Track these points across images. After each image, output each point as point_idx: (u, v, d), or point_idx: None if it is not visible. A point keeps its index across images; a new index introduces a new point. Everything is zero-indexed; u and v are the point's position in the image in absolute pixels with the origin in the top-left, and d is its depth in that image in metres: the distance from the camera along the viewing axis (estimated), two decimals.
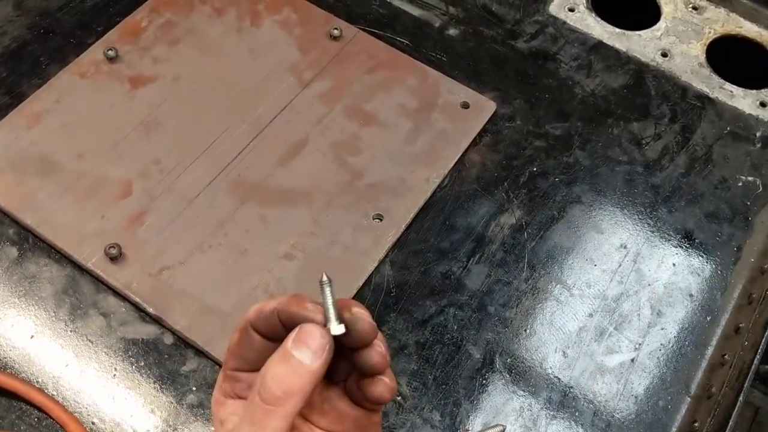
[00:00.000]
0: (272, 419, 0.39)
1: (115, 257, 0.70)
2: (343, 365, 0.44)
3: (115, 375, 0.65)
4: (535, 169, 0.82)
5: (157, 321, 0.68)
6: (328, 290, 0.42)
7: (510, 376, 0.68)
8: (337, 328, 0.40)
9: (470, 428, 0.65)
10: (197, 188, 0.76)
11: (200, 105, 0.82)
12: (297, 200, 0.76)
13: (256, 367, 0.43)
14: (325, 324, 0.41)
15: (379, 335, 0.42)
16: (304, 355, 0.39)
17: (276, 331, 0.42)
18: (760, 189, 0.83)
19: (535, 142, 0.84)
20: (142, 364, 0.66)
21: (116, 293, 0.70)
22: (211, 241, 0.73)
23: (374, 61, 0.86)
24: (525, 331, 0.71)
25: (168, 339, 0.68)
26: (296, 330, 0.40)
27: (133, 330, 0.68)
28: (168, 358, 0.67)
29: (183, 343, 0.68)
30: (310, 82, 0.84)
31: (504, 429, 0.65)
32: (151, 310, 0.68)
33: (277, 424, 0.39)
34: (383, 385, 0.42)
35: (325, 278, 0.42)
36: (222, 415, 0.45)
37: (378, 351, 0.42)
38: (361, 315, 0.41)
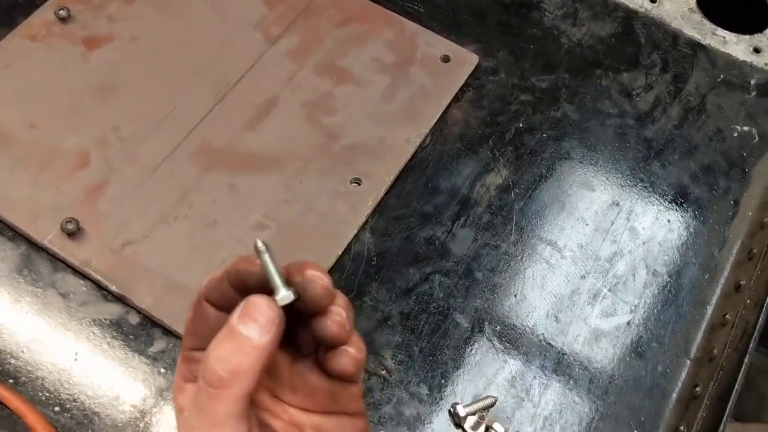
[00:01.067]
0: (220, 404, 0.34)
1: (73, 233, 0.65)
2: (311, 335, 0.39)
3: (77, 359, 0.61)
4: (521, 124, 0.77)
5: (120, 299, 0.64)
6: (266, 257, 0.37)
7: (500, 344, 0.64)
8: (285, 296, 0.36)
9: (460, 401, 0.61)
10: (159, 156, 0.70)
11: (160, 67, 0.76)
12: (268, 166, 0.71)
13: None
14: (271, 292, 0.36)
15: (341, 299, 0.38)
16: (251, 329, 0.35)
17: (228, 299, 0.38)
18: (757, 139, 0.79)
19: (520, 96, 0.79)
20: (106, 346, 0.62)
21: (75, 271, 0.65)
22: (176, 213, 0.68)
23: (346, 14, 0.80)
24: (515, 296, 0.67)
25: (133, 318, 0.63)
26: (242, 303, 0.36)
27: (95, 310, 0.63)
28: (134, 338, 0.62)
29: (149, 322, 0.63)
30: (277, 39, 0.78)
31: (495, 400, 0.61)
32: (113, 288, 0.63)
33: (227, 408, 0.34)
34: (346, 357, 0.38)
35: (260, 244, 0.37)
36: (181, 401, 0.40)
37: (335, 320, 0.37)
38: (314, 277, 0.37)
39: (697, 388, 0.61)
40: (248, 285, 0.37)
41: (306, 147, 0.72)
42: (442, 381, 0.62)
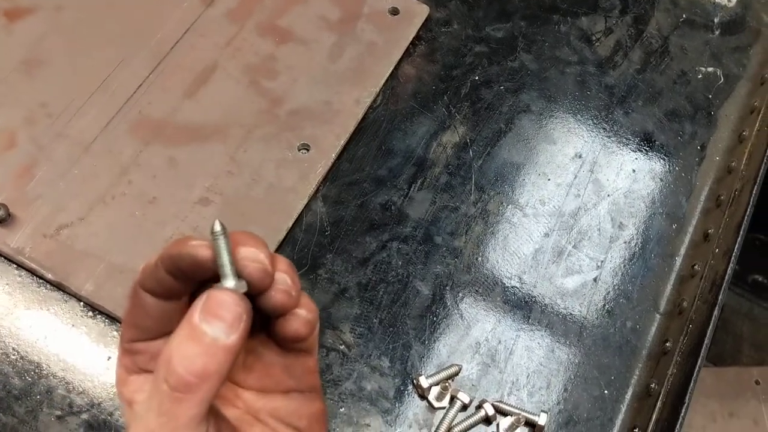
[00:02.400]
0: (185, 408, 0.32)
1: (3, 219, 0.61)
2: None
3: (14, 355, 0.57)
4: (477, 78, 0.73)
5: (58, 288, 0.60)
6: (222, 242, 0.33)
7: (463, 310, 0.61)
8: (240, 285, 0.33)
9: (423, 372, 0.59)
10: (93, 132, 0.66)
11: (89, 35, 0.71)
12: (209, 136, 0.66)
13: (154, 334, 0.37)
14: (219, 279, 0.33)
15: (282, 264, 0.35)
16: (217, 329, 0.32)
17: (166, 286, 0.35)
18: (722, 80, 0.76)
19: (475, 47, 0.75)
20: (46, 337, 0.58)
21: (8, 260, 0.61)
22: (113, 192, 0.63)
23: None
24: (477, 259, 0.64)
25: (73, 307, 0.59)
26: (203, 298, 0.33)
27: (32, 300, 0.59)
28: (74, 327, 0.58)
29: (91, 309, 0.59)
30: None
31: (460, 369, 0.59)
32: (50, 276, 0.59)
33: (191, 412, 0.32)
34: (296, 320, 0.36)
35: (218, 227, 0.33)
36: (127, 394, 0.38)
37: (279, 288, 0.35)
38: (248, 259, 0.34)
39: (667, 344, 0.59)
40: (184, 270, 0.34)
41: (249, 114, 0.68)
42: (404, 352, 0.59)
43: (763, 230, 1.43)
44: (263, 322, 0.37)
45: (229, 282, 0.33)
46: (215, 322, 0.32)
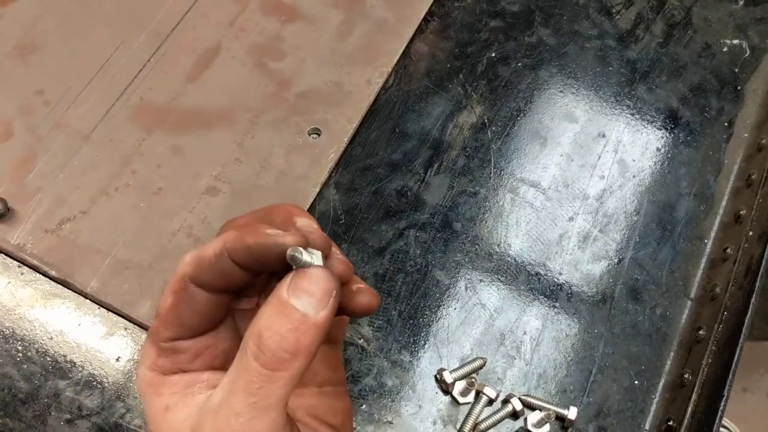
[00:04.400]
0: (277, 387, 0.31)
1: (2, 214, 0.58)
2: None
3: (18, 357, 0.54)
4: (493, 54, 0.70)
5: (63, 285, 0.57)
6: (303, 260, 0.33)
7: (485, 300, 0.59)
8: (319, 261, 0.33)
9: (447, 366, 0.56)
10: (93, 120, 0.63)
11: (85, 17, 0.67)
12: (215, 122, 0.63)
13: (199, 331, 0.35)
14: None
15: (324, 239, 0.35)
16: (307, 304, 0.31)
17: (230, 279, 0.34)
18: (748, 53, 0.72)
19: (490, 22, 0.71)
20: (51, 338, 0.55)
21: (9, 256, 0.58)
22: (116, 183, 0.60)
23: None
24: (498, 246, 0.61)
25: (80, 304, 0.57)
26: (291, 275, 0.32)
27: (36, 298, 0.57)
28: (81, 327, 0.56)
29: (99, 307, 0.57)
30: None
31: (484, 362, 0.56)
32: (53, 273, 0.57)
33: (282, 391, 0.31)
34: (366, 293, 0.36)
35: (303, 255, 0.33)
36: (165, 398, 0.35)
37: (338, 259, 0.35)
38: (307, 227, 0.35)
39: (701, 331, 0.57)
40: (265, 261, 0.33)
41: (255, 98, 0.64)
42: (426, 345, 0.57)
43: None
44: None
45: (317, 260, 0.32)
46: (305, 297, 0.31)
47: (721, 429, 1.07)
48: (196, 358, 0.35)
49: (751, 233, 0.59)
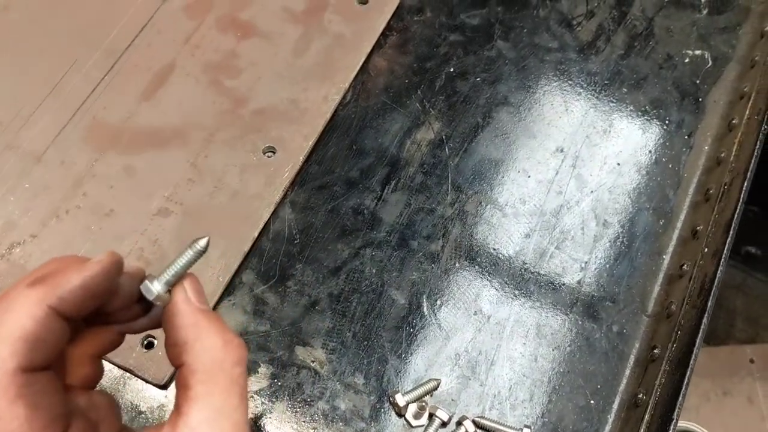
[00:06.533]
0: None
1: None
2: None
3: None
4: (452, 69, 0.69)
5: None
6: (192, 257, 0.36)
7: (441, 320, 0.58)
8: (164, 295, 0.36)
9: (400, 389, 0.56)
10: (45, 142, 0.62)
11: (38, 37, 0.67)
12: (168, 141, 0.63)
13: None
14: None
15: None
16: None
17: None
18: (710, 64, 0.72)
19: (449, 36, 0.71)
20: None
21: None
22: (67, 205, 0.60)
23: None
24: (455, 264, 0.61)
25: None
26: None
27: None
28: None
29: None
30: None
31: (438, 383, 0.56)
32: None
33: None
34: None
35: (203, 244, 0.36)
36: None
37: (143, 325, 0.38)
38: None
39: (656, 350, 0.56)
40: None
41: (210, 116, 0.64)
42: (380, 367, 0.56)
43: (757, 202, 1.40)
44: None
45: (158, 285, 0.35)
46: None
47: None
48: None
49: (706, 250, 0.59)
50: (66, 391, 0.35)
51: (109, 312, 0.36)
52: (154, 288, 0.34)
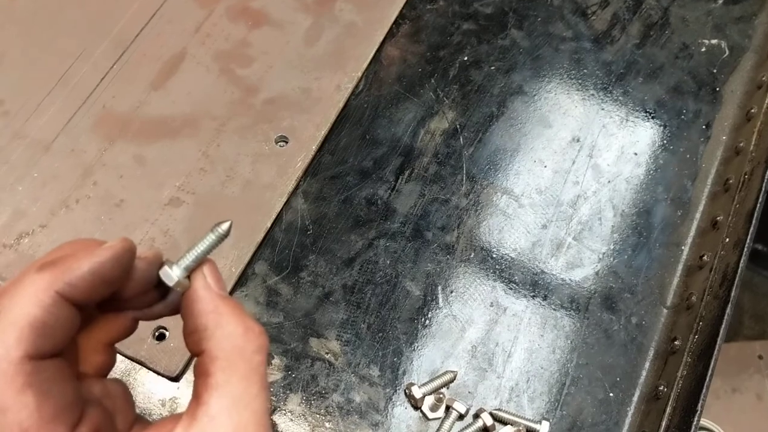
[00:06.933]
0: None
1: None
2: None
3: None
4: (465, 58, 0.68)
5: None
6: (214, 241, 0.35)
7: (457, 311, 0.57)
8: (183, 280, 0.34)
9: (416, 381, 0.55)
10: (53, 130, 0.61)
11: (46, 25, 0.66)
12: (179, 131, 0.62)
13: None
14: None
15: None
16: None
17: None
18: (726, 53, 0.71)
19: (463, 25, 0.70)
20: None
21: None
22: (77, 195, 0.59)
23: None
24: (470, 255, 0.60)
25: None
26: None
27: None
28: None
29: None
30: None
31: (455, 375, 0.55)
32: None
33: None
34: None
35: (225, 228, 0.35)
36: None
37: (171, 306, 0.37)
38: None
39: (676, 342, 0.55)
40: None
41: (221, 105, 0.63)
42: (395, 359, 0.56)
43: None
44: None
45: (177, 271, 0.34)
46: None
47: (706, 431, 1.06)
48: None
49: (727, 240, 0.58)
50: (79, 379, 0.34)
51: (123, 298, 0.35)
52: (174, 273, 0.33)
